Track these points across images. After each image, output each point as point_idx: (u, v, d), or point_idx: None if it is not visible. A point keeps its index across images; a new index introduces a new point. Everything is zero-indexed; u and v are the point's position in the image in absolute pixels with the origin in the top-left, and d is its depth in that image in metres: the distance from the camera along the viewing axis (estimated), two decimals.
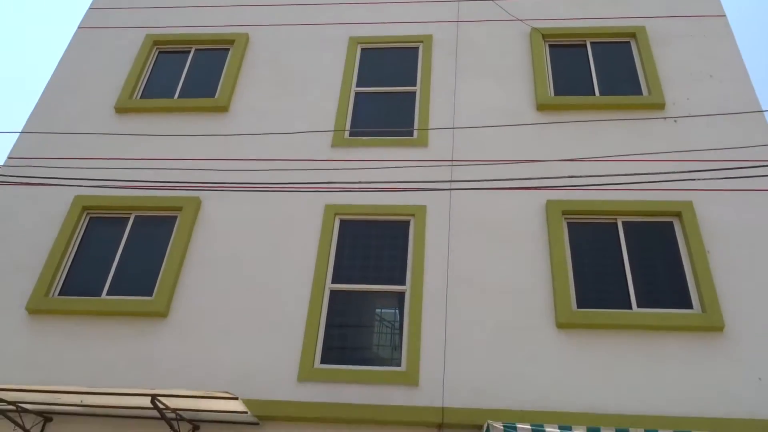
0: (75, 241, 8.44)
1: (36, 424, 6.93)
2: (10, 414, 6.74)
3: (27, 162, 9.13)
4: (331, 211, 8.30)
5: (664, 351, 6.87)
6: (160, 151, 9.12)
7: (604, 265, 7.65)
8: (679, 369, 6.75)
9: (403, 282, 7.73)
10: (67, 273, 8.19)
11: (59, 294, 8.00)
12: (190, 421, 6.76)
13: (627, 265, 7.56)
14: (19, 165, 9.10)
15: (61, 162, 9.09)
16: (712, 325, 6.91)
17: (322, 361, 7.25)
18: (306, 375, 7.04)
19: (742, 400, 6.46)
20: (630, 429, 5.78)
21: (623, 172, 8.01)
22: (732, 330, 6.92)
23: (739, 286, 7.22)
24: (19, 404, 6.67)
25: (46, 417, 6.99)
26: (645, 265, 7.60)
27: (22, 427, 6.75)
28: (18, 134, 9.52)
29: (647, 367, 6.79)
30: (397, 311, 7.69)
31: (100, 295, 7.90)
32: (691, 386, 6.61)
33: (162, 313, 7.59)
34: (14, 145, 9.43)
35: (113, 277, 8.05)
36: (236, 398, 6.14)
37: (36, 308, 7.75)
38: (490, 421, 5.73)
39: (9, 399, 6.55)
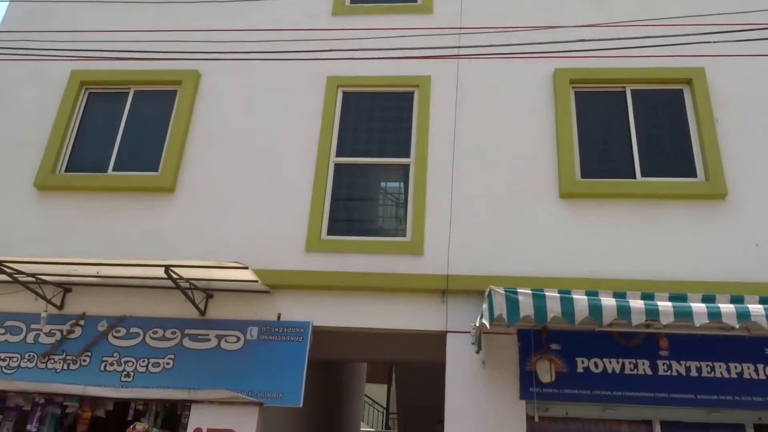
0: (76, 117, 8.36)
1: (56, 295, 7.23)
2: (31, 285, 7.01)
3: (20, 36, 8.84)
4: (333, 83, 8.13)
5: (666, 219, 6.98)
6: (157, 23, 8.80)
7: (611, 135, 7.59)
8: (680, 236, 6.88)
9: (407, 154, 7.72)
10: (72, 149, 8.19)
11: (65, 170, 8.05)
12: (203, 290, 7.03)
13: (633, 134, 7.50)
14: (11, 39, 8.82)
15: (54, 35, 8.79)
16: (715, 193, 6.96)
17: (329, 233, 7.41)
18: (314, 246, 7.23)
19: (738, 265, 6.64)
20: (627, 292, 5.97)
21: (634, 36, 7.73)
22: (734, 197, 6.97)
23: (744, 154, 7.19)
24: (39, 276, 6.93)
25: (66, 288, 7.29)
26: (652, 134, 7.54)
27: (43, 297, 7.05)
28: (7, 2, 9.13)
29: (648, 234, 6.92)
30: (402, 184, 7.76)
31: (106, 171, 7.95)
32: (690, 252, 6.78)
33: (169, 188, 7.67)
34: (4, 18, 9.10)
35: (117, 153, 8.06)
36: (247, 268, 6.35)
37: (44, 184, 7.83)
38: (492, 287, 5.92)
39: (29, 271, 6.80)
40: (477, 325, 6.08)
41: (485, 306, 6.00)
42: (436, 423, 8.80)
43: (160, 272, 6.42)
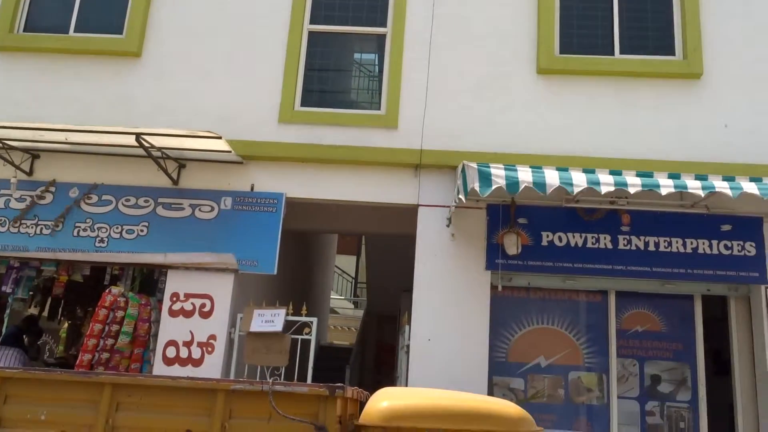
0: None
1: (24, 161, 7.10)
2: None
3: None
4: None
5: (640, 97, 7.01)
6: None
7: (593, 9, 7.41)
8: (653, 115, 6.95)
9: (384, 24, 7.48)
10: (29, 7, 7.72)
11: (24, 30, 7.63)
12: (175, 159, 6.98)
13: (615, 9, 7.33)
14: None
15: None
16: (691, 72, 6.97)
17: (302, 104, 7.30)
18: (287, 117, 7.14)
19: (706, 145, 6.79)
20: (596, 169, 6.12)
21: None
22: (709, 77, 6.99)
23: (725, 33, 7.12)
24: (5, 141, 6.76)
25: (33, 154, 7.15)
26: (634, 9, 7.37)
27: (11, 162, 6.92)
28: None
29: (622, 113, 6.98)
30: (378, 55, 7.58)
31: (67, 32, 7.56)
32: (660, 132, 6.88)
33: (135, 53, 7.37)
34: None
35: (78, 12, 7.63)
36: (220, 138, 6.28)
37: (2, 45, 7.44)
38: (465, 162, 6.01)
39: None
40: (456, 202, 6.22)
41: (459, 182, 6.12)
42: (402, 291, 9.20)
43: (131, 140, 6.32)
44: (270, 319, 6.48)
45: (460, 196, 5.91)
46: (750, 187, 5.56)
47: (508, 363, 6.86)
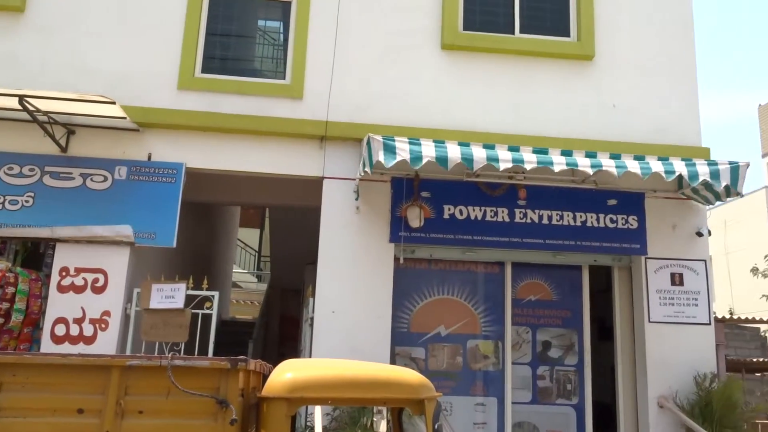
0: None
1: None
2: None
3: None
4: None
5: (538, 76, 7.29)
6: None
7: None
8: (548, 94, 7.25)
9: None
10: None
11: None
12: (64, 125, 6.55)
13: None
14: None
15: None
16: (584, 54, 7.31)
17: (203, 71, 7.05)
18: (186, 83, 6.87)
19: (596, 123, 7.18)
20: (496, 145, 6.31)
21: None
22: (600, 60, 7.37)
23: (615, 18, 7.50)
24: None
25: None
26: None
27: None
28: None
29: (520, 90, 7.23)
30: (283, 24, 7.41)
31: None
32: (556, 110, 7.20)
33: (18, 7, 6.82)
34: None
35: None
36: (113, 103, 5.95)
37: None
38: (370, 135, 6.03)
39: None
40: (361, 174, 6.24)
41: (365, 154, 6.14)
42: (307, 264, 9.17)
43: (14, 102, 5.86)
44: (170, 295, 6.28)
45: (366, 169, 5.94)
46: (633, 166, 5.94)
47: (410, 333, 7.04)
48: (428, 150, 5.81)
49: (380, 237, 6.79)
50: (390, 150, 5.81)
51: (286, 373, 2.98)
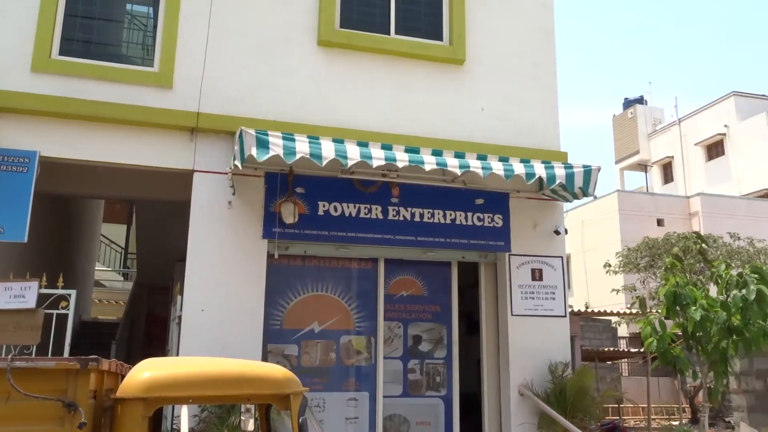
0: None
1: None
2: None
3: None
4: None
5: (412, 77, 7.47)
6: None
7: None
8: (422, 95, 7.45)
9: None
10: None
11: None
12: None
13: None
14: None
15: None
16: (455, 58, 7.59)
17: (61, 53, 6.56)
18: (41, 66, 6.37)
19: (466, 125, 7.47)
20: (370, 143, 6.39)
21: None
22: (471, 64, 7.68)
23: (486, 24, 7.84)
24: None
25: None
26: None
27: None
28: None
29: (395, 90, 7.38)
30: (152, 9, 7.07)
31: None
32: (428, 111, 7.41)
33: None
34: None
35: None
36: None
37: None
38: (243, 128, 5.89)
39: None
40: (231, 167, 6.07)
41: (237, 147, 5.99)
42: (176, 261, 8.81)
43: None
44: (20, 294, 5.78)
45: (236, 162, 5.80)
46: (497, 168, 6.23)
47: (283, 330, 6.97)
48: (302, 146, 5.77)
49: (253, 233, 6.66)
50: (263, 144, 5.71)
51: (144, 372, 2.83)
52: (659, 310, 7.15)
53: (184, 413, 4.00)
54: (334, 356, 7.12)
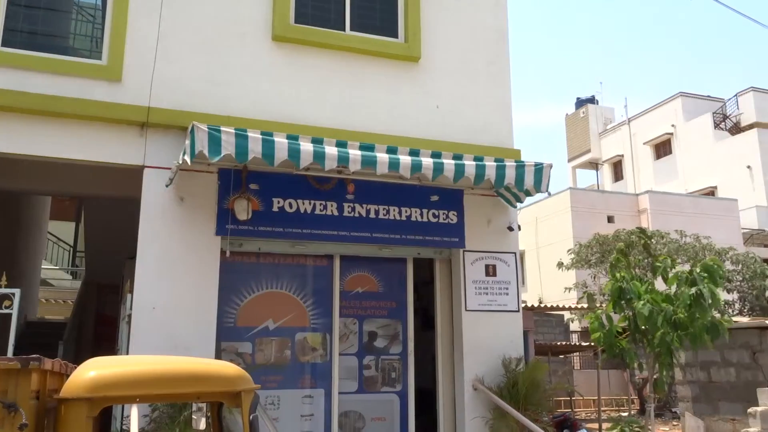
0: None
1: None
2: None
3: None
4: None
5: (368, 74, 7.47)
6: None
7: None
8: (377, 92, 7.46)
9: None
10: None
11: None
12: None
13: None
14: None
15: None
16: (411, 55, 7.62)
17: (4, 44, 6.34)
18: None
19: (420, 123, 7.51)
20: (324, 140, 6.35)
21: None
22: (426, 61, 7.72)
23: (441, 22, 7.89)
24: None
25: None
26: None
27: None
28: None
29: (350, 87, 7.36)
30: (100, 0, 6.89)
31: None
32: (384, 108, 7.43)
33: None
34: None
35: None
36: None
37: None
38: (195, 123, 5.78)
39: None
40: (179, 162, 5.96)
41: (187, 142, 5.88)
42: (127, 259, 8.62)
43: None
44: None
45: (185, 158, 5.69)
46: (448, 169, 6.25)
47: (237, 328, 6.90)
48: (255, 144, 5.68)
49: (206, 229, 6.56)
50: (215, 142, 5.61)
51: (88, 372, 2.76)
52: (605, 305, 7.35)
53: (134, 413, 3.93)
54: (289, 353, 7.08)
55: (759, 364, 9.23)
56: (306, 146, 5.86)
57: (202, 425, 3.56)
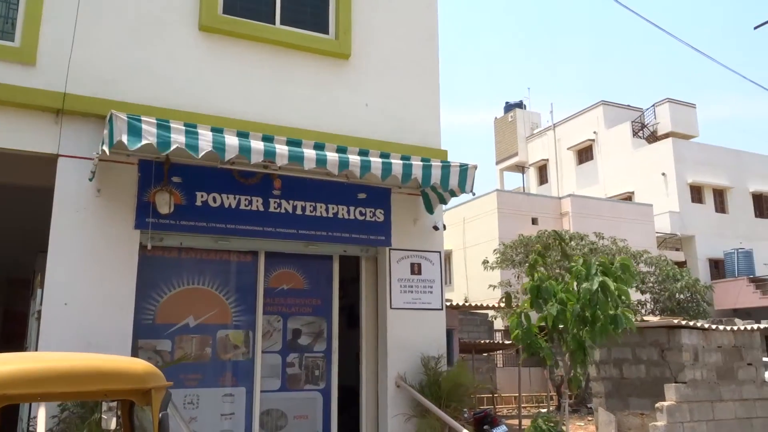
0: None
1: None
2: None
3: None
4: None
5: (297, 69, 7.40)
6: None
7: None
8: (306, 88, 7.40)
9: None
10: None
11: None
12: None
13: None
14: None
15: None
16: (341, 52, 7.60)
17: None
18: None
19: (350, 120, 7.51)
20: (250, 134, 6.24)
21: None
22: (356, 59, 7.72)
23: (372, 21, 7.91)
24: None
25: None
26: None
27: None
28: None
29: (279, 82, 7.27)
30: None
31: None
32: (312, 104, 7.38)
33: None
34: None
35: None
36: None
37: None
38: (114, 111, 5.56)
39: None
40: (98, 153, 5.73)
41: (106, 131, 5.66)
42: (39, 252, 8.20)
43: None
44: None
45: (104, 148, 5.47)
46: (375, 167, 6.27)
47: (156, 325, 6.69)
48: (178, 135, 5.52)
49: (124, 223, 6.33)
50: (135, 131, 5.41)
51: None
52: (525, 304, 7.56)
53: (41, 413, 3.74)
54: (210, 351, 6.92)
55: (667, 361, 9.72)
56: (231, 139, 5.74)
57: (113, 425, 3.43)
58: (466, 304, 17.04)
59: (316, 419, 7.29)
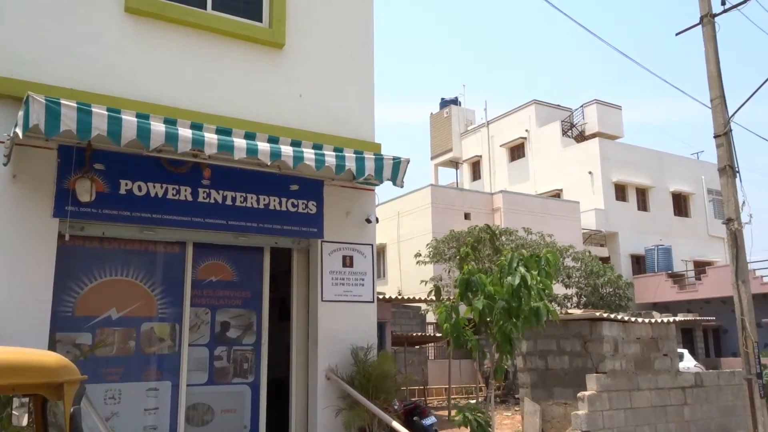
0: None
1: None
2: None
3: None
4: None
5: (229, 57, 7.23)
6: None
7: None
8: (238, 76, 7.24)
9: None
10: None
11: None
12: None
13: None
14: None
15: None
16: (275, 42, 7.48)
17: None
18: None
19: (282, 110, 7.41)
20: (178, 121, 6.05)
21: None
22: (290, 49, 7.62)
23: (307, 10, 7.82)
24: None
25: None
26: None
27: None
28: None
29: (209, 68, 7.09)
30: None
31: None
32: (243, 93, 7.23)
33: None
34: None
35: None
36: None
37: None
38: (31, 93, 5.27)
39: None
40: (10, 137, 5.43)
41: (21, 114, 5.37)
42: None
43: None
44: None
45: (17, 130, 5.18)
46: (309, 158, 6.22)
47: (75, 317, 6.43)
48: (99, 121, 5.29)
49: (42, 211, 6.03)
50: (53, 116, 5.15)
51: None
52: (454, 297, 7.68)
53: None
54: (134, 344, 6.71)
55: (589, 352, 10.08)
56: (157, 126, 5.55)
57: (25, 421, 3.27)
58: (399, 297, 17.18)
59: (244, 413, 7.18)
